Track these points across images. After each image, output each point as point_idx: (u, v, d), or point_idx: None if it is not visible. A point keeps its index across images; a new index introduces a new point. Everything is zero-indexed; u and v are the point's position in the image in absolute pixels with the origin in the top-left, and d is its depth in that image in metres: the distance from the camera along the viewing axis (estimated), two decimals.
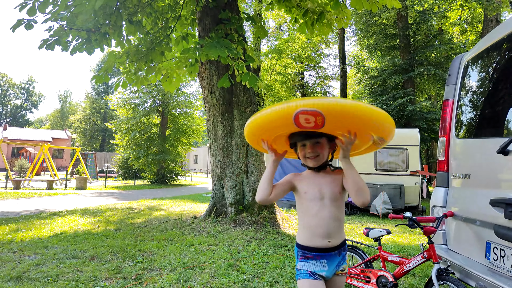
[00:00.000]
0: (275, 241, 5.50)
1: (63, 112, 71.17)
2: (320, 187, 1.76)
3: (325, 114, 1.48)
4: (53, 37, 5.14)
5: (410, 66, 17.85)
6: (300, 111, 1.49)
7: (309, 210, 1.75)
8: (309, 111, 1.48)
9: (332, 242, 1.72)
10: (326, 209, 1.73)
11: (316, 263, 1.72)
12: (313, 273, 1.71)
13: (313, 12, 6.53)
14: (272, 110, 1.58)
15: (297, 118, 1.52)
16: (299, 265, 1.76)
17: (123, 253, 4.69)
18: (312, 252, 1.73)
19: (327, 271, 1.72)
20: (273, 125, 1.66)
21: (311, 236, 1.73)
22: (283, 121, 1.57)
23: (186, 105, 22.73)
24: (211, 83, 6.94)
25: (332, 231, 1.72)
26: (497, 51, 2.68)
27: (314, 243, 1.72)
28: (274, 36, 24.48)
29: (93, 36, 5.33)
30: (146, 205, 10.26)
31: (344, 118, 1.53)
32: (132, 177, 23.59)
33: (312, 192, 1.76)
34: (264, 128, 1.71)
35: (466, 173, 2.79)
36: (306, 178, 1.83)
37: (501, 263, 2.25)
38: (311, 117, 1.50)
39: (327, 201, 1.74)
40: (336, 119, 1.52)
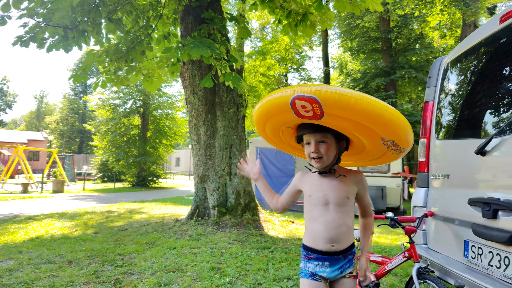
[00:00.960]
0: (259, 243, 5.48)
1: (39, 113, 69.38)
2: (325, 192, 1.70)
3: (322, 101, 1.39)
4: (28, 34, 4.98)
5: (392, 69, 18.16)
6: (297, 96, 1.42)
7: (313, 214, 1.71)
8: (306, 97, 1.41)
9: (336, 246, 1.67)
10: (330, 214, 1.67)
11: (317, 264, 1.69)
12: (313, 273, 1.69)
13: (296, 13, 6.55)
14: (272, 97, 1.55)
15: (294, 104, 1.45)
16: (302, 264, 1.75)
17: (102, 257, 4.58)
18: (315, 254, 1.69)
19: (328, 273, 1.68)
20: (274, 112, 1.61)
21: (314, 239, 1.70)
22: (282, 107, 1.51)
23: (168, 106, 22.50)
24: (194, 83, 6.88)
25: (336, 237, 1.67)
26: (475, 54, 2.74)
27: (317, 246, 1.69)
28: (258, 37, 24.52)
29: (71, 33, 5.20)
30: (126, 208, 10.08)
31: (344, 109, 1.41)
32: (111, 179, 23.18)
33: (316, 197, 1.71)
34: (267, 116, 1.67)
35: (446, 173, 2.83)
36: (312, 181, 1.77)
37: (479, 261, 2.29)
38: (308, 104, 1.43)
39: (332, 206, 1.68)
40: (334, 110, 1.43)
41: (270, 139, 1.99)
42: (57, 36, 5.17)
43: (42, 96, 71.98)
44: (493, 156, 2.24)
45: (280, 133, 1.86)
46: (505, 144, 2.14)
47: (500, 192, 2.16)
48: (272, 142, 2.03)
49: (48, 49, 5.16)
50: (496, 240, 2.11)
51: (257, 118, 1.74)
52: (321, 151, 1.66)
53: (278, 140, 1.97)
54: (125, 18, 6.37)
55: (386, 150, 1.64)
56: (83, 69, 6.00)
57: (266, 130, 1.84)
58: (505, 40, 2.34)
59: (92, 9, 5.26)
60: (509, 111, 2.22)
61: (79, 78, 6.00)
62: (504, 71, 2.34)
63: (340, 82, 23.89)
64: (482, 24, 2.76)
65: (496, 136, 2.21)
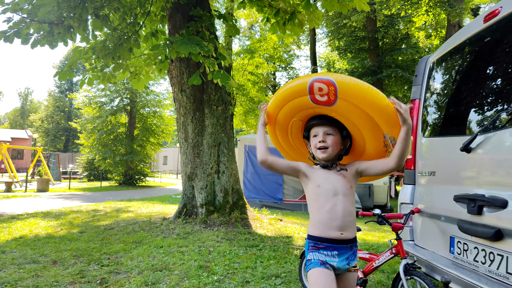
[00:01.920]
0: (247, 241, 5.47)
1: (23, 111, 68.02)
2: (334, 184, 1.77)
3: (338, 85, 1.61)
4: (12, 29, 4.86)
5: (378, 68, 18.32)
6: (316, 79, 1.64)
7: (323, 206, 1.75)
8: (324, 79, 1.63)
9: (345, 234, 1.72)
10: (340, 204, 1.73)
11: (327, 253, 1.71)
12: (324, 262, 1.69)
13: (284, 12, 6.55)
14: (290, 84, 1.76)
15: (312, 86, 1.65)
16: (310, 255, 1.75)
17: (87, 257, 4.52)
18: (324, 243, 1.72)
19: (337, 262, 1.70)
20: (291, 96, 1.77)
21: (324, 228, 1.73)
22: (300, 91, 1.71)
23: (155, 104, 22.33)
24: (182, 81, 6.83)
25: (345, 225, 1.73)
26: (460, 53, 2.78)
27: (327, 234, 1.72)
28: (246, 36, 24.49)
29: (56, 29, 5.10)
30: (113, 207, 9.97)
31: (355, 95, 1.61)
32: (98, 178, 22.93)
33: (326, 188, 1.77)
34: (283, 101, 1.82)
35: (432, 170, 2.87)
36: (319, 174, 1.83)
37: (464, 256, 2.33)
38: (325, 86, 1.62)
39: (341, 197, 1.75)
40: (347, 95, 1.62)
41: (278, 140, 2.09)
42: (42, 32, 5.07)
43: (26, 93, 70.56)
44: (478, 153, 2.28)
45: (289, 127, 1.98)
46: (489, 142, 2.18)
47: (484, 189, 2.20)
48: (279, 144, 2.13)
49: (32, 45, 5.06)
50: (481, 236, 2.15)
51: (274, 105, 1.88)
52: (327, 142, 1.78)
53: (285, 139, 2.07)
54: (112, 15, 6.28)
55: (385, 154, 1.80)
56: (69, 66, 5.90)
57: (276, 128, 1.98)
58: (489, 39, 2.38)
59: (79, 5, 5.17)
60: (493, 109, 2.25)
61: (65, 76, 5.90)
62: (488, 70, 2.38)
63: None
64: (467, 23, 2.80)
65: (481, 133, 2.24)
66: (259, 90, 22.89)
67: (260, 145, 1.89)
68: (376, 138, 1.77)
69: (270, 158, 1.87)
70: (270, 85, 28.35)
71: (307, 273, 1.76)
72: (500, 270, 2.00)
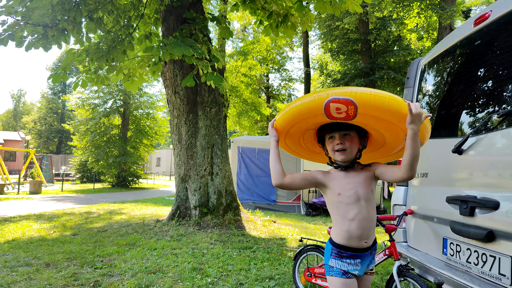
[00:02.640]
0: (240, 243, 5.47)
1: (16, 113, 67.36)
2: (356, 189, 1.70)
3: (358, 103, 1.47)
4: (7, 32, 4.84)
5: (371, 70, 18.43)
6: (332, 99, 1.48)
7: (347, 214, 1.70)
8: (341, 99, 1.47)
9: (368, 242, 1.71)
10: (363, 211, 1.69)
11: (350, 262, 1.70)
12: (346, 272, 1.70)
13: (277, 14, 6.58)
14: (302, 102, 1.59)
15: (328, 107, 1.51)
16: (332, 262, 1.73)
17: (80, 259, 4.48)
18: (348, 252, 1.70)
19: (359, 270, 1.72)
20: (303, 117, 1.64)
21: (348, 237, 1.70)
22: (314, 111, 1.56)
23: (149, 106, 22.26)
24: (175, 83, 6.81)
25: (368, 233, 1.70)
26: (451, 55, 2.81)
27: (351, 244, 1.70)
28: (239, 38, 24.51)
29: (50, 32, 5.07)
30: (106, 209, 9.90)
31: (377, 109, 1.49)
32: (91, 180, 22.76)
33: (348, 195, 1.70)
34: (294, 120, 1.69)
35: (424, 172, 2.89)
36: (338, 178, 1.76)
37: (457, 258, 2.35)
38: (343, 106, 1.48)
39: (363, 202, 1.69)
40: (368, 110, 1.50)
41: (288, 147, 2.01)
42: (36, 35, 5.04)
43: (19, 95, 69.91)
44: (470, 155, 2.30)
45: (301, 138, 1.90)
46: (481, 143, 2.21)
47: (476, 190, 2.22)
48: (290, 150, 2.05)
49: (27, 47, 5.04)
50: (473, 237, 2.17)
51: (283, 122, 1.74)
52: (346, 144, 1.70)
53: (297, 146, 1.99)
54: (106, 17, 6.26)
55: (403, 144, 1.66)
56: (63, 69, 5.86)
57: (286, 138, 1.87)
58: (480, 42, 2.41)
59: (73, 8, 5.14)
60: (485, 111, 2.28)
61: (59, 78, 5.86)
62: (479, 72, 2.41)
63: (320, 83, 24.12)
64: (458, 26, 2.83)
65: (472, 135, 2.27)
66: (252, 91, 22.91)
67: (275, 168, 1.78)
68: (397, 133, 1.67)
69: (286, 181, 1.76)
70: (263, 87, 28.40)
71: (327, 277, 1.77)
72: (492, 271, 2.02)
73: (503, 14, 2.17)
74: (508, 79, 2.09)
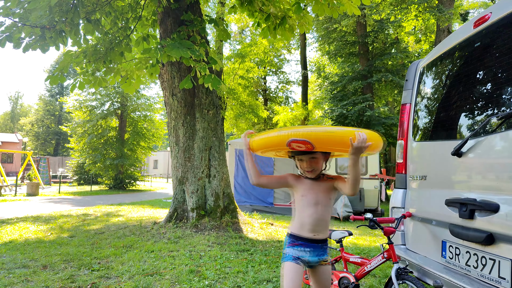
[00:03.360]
0: (238, 246, 5.44)
1: (13, 115, 67.08)
2: (317, 194, 2.04)
3: (314, 142, 1.79)
4: (4, 33, 4.82)
5: (368, 73, 18.46)
6: (292, 140, 1.81)
7: (304, 212, 2.04)
8: (299, 140, 1.79)
9: (317, 236, 2.03)
10: (319, 212, 2.02)
11: (300, 249, 2.02)
12: (296, 257, 2.01)
13: (275, 17, 6.57)
14: (269, 136, 1.98)
15: (290, 145, 1.84)
16: (287, 250, 2.06)
17: (78, 261, 4.45)
18: (300, 241, 2.03)
19: (309, 257, 2.02)
20: (273, 145, 1.99)
21: (301, 229, 2.04)
22: (280, 145, 1.91)
23: (146, 108, 22.22)
24: (173, 85, 6.79)
25: (319, 228, 2.03)
26: (450, 58, 2.80)
27: (302, 234, 2.03)
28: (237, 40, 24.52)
29: (48, 33, 5.05)
30: (103, 211, 9.85)
31: (332, 143, 1.84)
32: (88, 182, 22.64)
33: (309, 198, 2.03)
34: (266, 147, 2.04)
35: (423, 174, 2.88)
36: (305, 184, 2.09)
37: (456, 261, 2.33)
38: (302, 144, 1.81)
39: (321, 206, 2.02)
40: (323, 146, 1.85)
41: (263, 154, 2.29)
42: (34, 36, 5.03)
43: (17, 97, 69.64)
44: (469, 158, 2.29)
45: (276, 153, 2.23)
46: (480, 146, 2.19)
47: (476, 193, 2.21)
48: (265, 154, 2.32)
49: (24, 49, 5.02)
50: (472, 240, 2.15)
51: (258, 145, 2.07)
52: (313, 165, 2.03)
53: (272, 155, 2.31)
54: (103, 19, 6.24)
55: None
56: (60, 70, 5.83)
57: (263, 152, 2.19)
58: (479, 44, 2.41)
59: (70, 9, 5.13)
60: (484, 114, 2.27)
61: (56, 80, 5.82)
62: (478, 75, 2.40)
63: (318, 85, 24.16)
64: (456, 29, 2.83)
65: (472, 138, 2.25)
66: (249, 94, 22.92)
67: (251, 170, 2.12)
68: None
69: (262, 180, 2.13)
70: (261, 89, 28.42)
71: (281, 264, 2.08)
72: (492, 275, 2.01)
73: (503, 16, 2.16)
74: (508, 81, 2.08)
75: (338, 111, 17.12)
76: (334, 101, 18.99)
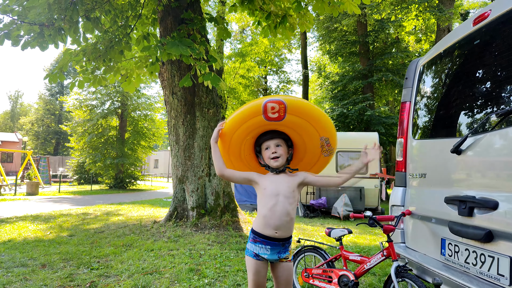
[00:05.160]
0: (238, 245, 5.44)
1: (13, 114, 67.11)
2: (277, 185, 2.09)
3: (287, 103, 1.98)
4: (3, 31, 4.81)
5: (369, 72, 18.46)
6: (268, 100, 1.99)
7: (266, 204, 2.07)
8: (275, 100, 1.98)
9: (279, 233, 2.05)
10: (280, 204, 2.04)
11: (261, 247, 2.07)
12: (257, 254, 2.08)
13: (276, 15, 6.57)
14: (245, 106, 2.06)
15: (266, 106, 1.98)
16: (248, 245, 2.14)
17: (77, 260, 4.45)
18: (260, 238, 2.07)
19: (268, 255, 2.07)
20: (248, 117, 2.05)
21: (263, 226, 2.07)
22: (255, 112, 2.02)
23: (146, 107, 22.21)
24: (173, 83, 6.79)
25: (281, 225, 2.04)
26: (450, 56, 2.80)
27: (264, 232, 2.06)
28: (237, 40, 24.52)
29: (47, 31, 5.04)
30: (103, 210, 9.86)
31: (300, 111, 2.02)
32: (88, 182, 22.65)
33: (270, 189, 2.08)
34: (240, 121, 2.09)
35: (423, 172, 2.88)
36: (268, 178, 2.16)
37: (455, 258, 2.33)
38: (276, 105, 1.97)
39: (282, 197, 2.06)
40: (293, 110, 1.99)
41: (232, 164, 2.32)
42: (32, 34, 5.00)
43: (17, 96, 69.66)
44: (468, 155, 2.28)
45: (242, 148, 2.24)
46: (480, 144, 2.19)
47: (475, 190, 2.21)
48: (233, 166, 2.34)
49: (23, 46, 5.00)
50: (472, 238, 2.15)
51: (230, 126, 2.14)
52: (278, 152, 2.12)
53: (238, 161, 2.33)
54: (103, 17, 6.23)
55: (320, 155, 2.22)
56: (60, 69, 5.83)
57: (231, 145, 2.22)
58: (479, 42, 2.40)
59: (69, 7, 5.11)
60: (483, 111, 2.27)
61: (55, 78, 5.82)
62: (478, 73, 2.40)
63: (318, 85, 24.14)
64: (456, 27, 2.82)
65: (471, 135, 2.25)
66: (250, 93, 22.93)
67: (217, 160, 2.18)
68: (314, 139, 2.14)
69: (227, 172, 2.18)
70: (262, 89, 28.41)
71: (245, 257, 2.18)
72: (491, 272, 2.01)
73: (502, 13, 2.15)
74: (507, 78, 2.08)
75: (338, 110, 17.12)
76: (335, 101, 19.00)
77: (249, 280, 2.12)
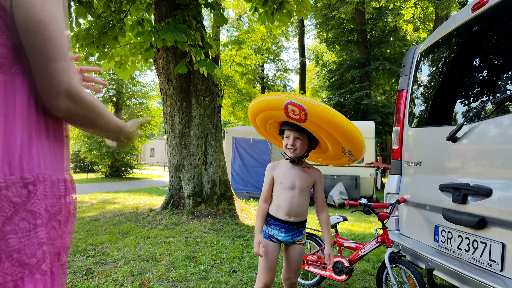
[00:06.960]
0: (234, 232, 5.47)
1: None
2: (294, 178, 2.15)
3: (308, 111, 1.83)
4: None
5: (366, 61, 18.38)
6: (290, 102, 1.85)
7: (282, 195, 2.15)
8: (297, 104, 1.84)
9: (293, 219, 2.14)
10: (295, 197, 2.13)
11: (275, 230, 2.15)
12: (271, 235, 2.15)
13: (273, 1, 6.48)
14: (271, 96, 2.00)
15: (286, 107, 1.89)
16: (264, 228, 2.20)
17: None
18: (275, 221, 2.15)
19: (282, 237, 2.15)
20: (269, 108, 2.04)
21: (278, 211, 2.15)
22: (277, 106, 1.94)
23: (142, 95, 22.08)
24: (168, 71, 6.73)
25: (295, 212, 2.14)
26: (447, 43, 2.78)
27: (278, 215, 2.15)
28: (234, 27, 24.29)
29: None
30: (99, 199, 9.86)
31: (322, 120, 1.85)
32: (84, 170, 22.64)
33: (287, 182, 2.15)
34: (261, 109, 2.11)
35: (418, 160, 2.88)
36: (283, 169, 2.20)
37: (448, 245, 2.35)
38: (297, 109, 1.86)
39: (297, 191, 2.14)
40: (315, 119, 1.86)
41: (257, 127, 2.40)
42: None
43: None
44: (463, 143, 2.29)
45: (267, 125, 2.30)
46: (475, 132, 2.19)
47: (469, 178, 2.22)
48: (258, 129, 2.45)
49: None
50: (465, 224, 2.17)
51: (254, 108, 2.17)
52: (296, 145, 2.11)
53: (264, 129, 2.40)
54: (96, 2, 6.13)
55: (343, 156, 2.18)
56: None
57: (257, 120, 2.28)
58: (477, 29, 2.38)
59: None
60: (479, 99, 2.26)
61: None
62: (475, 61, 2.38)
63: (316, 73, 24.03)
64: (455, 14, 2.79)
65: (467, 123, 2.25)
66: (247, 81, 22.82)
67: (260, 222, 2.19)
68: (336, 146, 2.09)
69: (269, 200, 2.23)
70: (258, 77, 28.26)
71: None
72: (483, 258, 2.03)
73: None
74: (504, 66, 2.07)
75: (335, 99, 17.10)
76: (332, 90, 18.95)
77: (260, 262, 2.16)
